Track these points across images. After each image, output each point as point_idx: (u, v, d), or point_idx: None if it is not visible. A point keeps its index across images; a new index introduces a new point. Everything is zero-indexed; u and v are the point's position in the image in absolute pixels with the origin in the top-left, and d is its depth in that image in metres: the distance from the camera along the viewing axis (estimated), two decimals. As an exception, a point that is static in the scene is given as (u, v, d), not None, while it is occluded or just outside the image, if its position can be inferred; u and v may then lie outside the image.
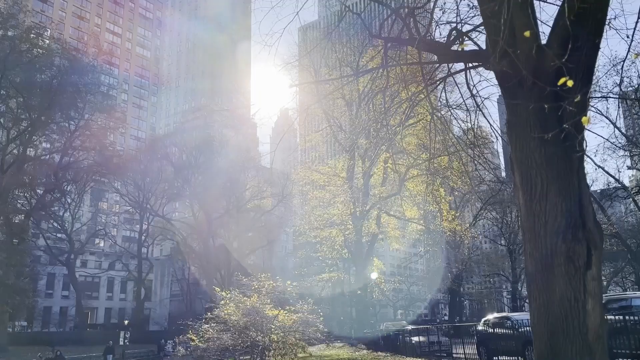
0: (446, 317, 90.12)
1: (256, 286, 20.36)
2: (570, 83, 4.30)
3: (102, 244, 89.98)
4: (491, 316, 22.89)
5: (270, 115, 33.58)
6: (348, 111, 40.19)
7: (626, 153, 39.07)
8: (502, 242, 62.82)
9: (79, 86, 47.93)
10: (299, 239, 53.54)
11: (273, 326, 19.01)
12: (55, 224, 62.84)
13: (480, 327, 21.75)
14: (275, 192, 60.78)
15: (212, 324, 19.53)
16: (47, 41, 51.02)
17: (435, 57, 7.71)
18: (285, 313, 19.78)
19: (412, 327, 35.49)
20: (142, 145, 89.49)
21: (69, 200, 59.96)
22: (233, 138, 63.79)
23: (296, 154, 79.72)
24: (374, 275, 40.52)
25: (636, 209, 42.65)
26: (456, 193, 44.29)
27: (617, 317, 13.17)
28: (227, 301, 20.03)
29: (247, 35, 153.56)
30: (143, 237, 71.10)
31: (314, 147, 52.53)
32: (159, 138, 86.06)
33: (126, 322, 60.66)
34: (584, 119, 4.48)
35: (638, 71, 33.51)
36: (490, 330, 20.31)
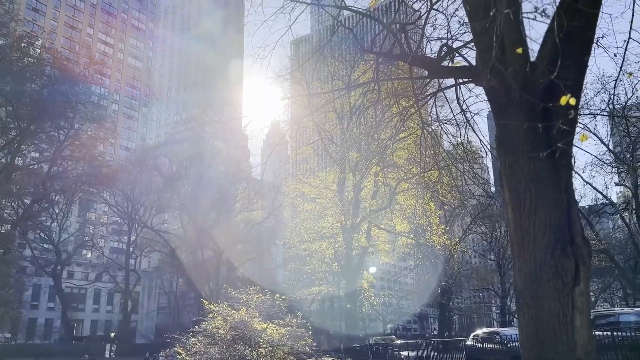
0: (435, 332, 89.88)
1: (245, 299, 20.23)
2: (572, 101, 4.36)
3: (89, 255, 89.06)
4: (480, 331, 22.92)
5: (262, 128, 33.71)
6: (339, 124, 40.35)
7: (614, 170, 39.56)
8: (492, 256, 62.97)
9: (70, 96, 47.66)
10: (289, 251, 53.32)
11: (261, 340, 18.86)
12: (42, 235, 62.12)
13: (469, 342, 21.76)
14: (266, 204, 60.58)
15: (200, 338, 19.34)
16: (38, 50, 50.83)
17: (426, 73, 7.78)
18: (274, 327, 19.63)
19: (401, 341, 35.41)
20: (132, 156, 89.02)
21: (56, 211, 59.37)
22: (224, 149, 63.58)
23: (287, 166, 79.73)
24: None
25: (624, 225, 43.01)
26: (446, 207, 44.46)
27: (605, 333, 13.22)
28: (215, 314, 19.87)
29: (240, 47, 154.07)
30: (131, 249, 70.47)
31: (305, 160, 52.62)
32: (149, 149, 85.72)
33: (112, 334, 59.87)
34: (581, 136, 4.56)
35: (625, 89, 34.02)
36: (479, 345, 20.31)
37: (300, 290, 50.84)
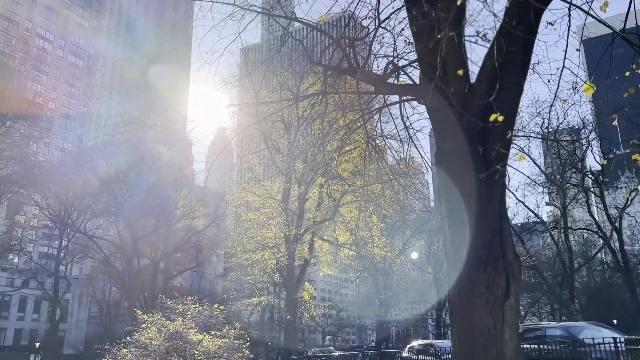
0: (373, 343, 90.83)
1: (181, 309, 19.69)
2: (500, 118, 4.58)
3: (16, 260, 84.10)
4: (416, 343, 23.39)
5: (207, 134, 33.11)
6: (286, 134, 40.28)
7: (545, 190, 41.79)
8: (429, 270, 64.43)
9: (3, 91, 45.22)
10: (230, 261, 52.42)
11: (196, 352, 18.42)
12: (-36, 237, 58.14)
13: (404, 354, 22.14)
14: (208, 212, 59.40)
15: (132, 349, 18.63)
16: (-30, 41, 47.98)
17: (372, 88, 7.93)
18: (210, 338, 19.22)
19: (340, 353, 35.55)
20: (68, 157, 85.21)
21: (-19, 212, 55.78)
22: (166, 154, 61.91)
23: (232, 174, 78.53)
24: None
25: (552, 243, 45.31)
26: (387, 220, 45.23)
27: (532, 346, 13.80)
28: (149, 325, 19.22)
29: (187, 51, 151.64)
30: (62, 254, 67.03)
31: (250, 168, 52.01)
32: (86, 150, 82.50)
33: (37, 344, 56.59)
34: (519, 157, 4.79)
35: (557, 114, 36.22)
36: (415, 356, 20.69)
37: (240, 301, 50.09)
